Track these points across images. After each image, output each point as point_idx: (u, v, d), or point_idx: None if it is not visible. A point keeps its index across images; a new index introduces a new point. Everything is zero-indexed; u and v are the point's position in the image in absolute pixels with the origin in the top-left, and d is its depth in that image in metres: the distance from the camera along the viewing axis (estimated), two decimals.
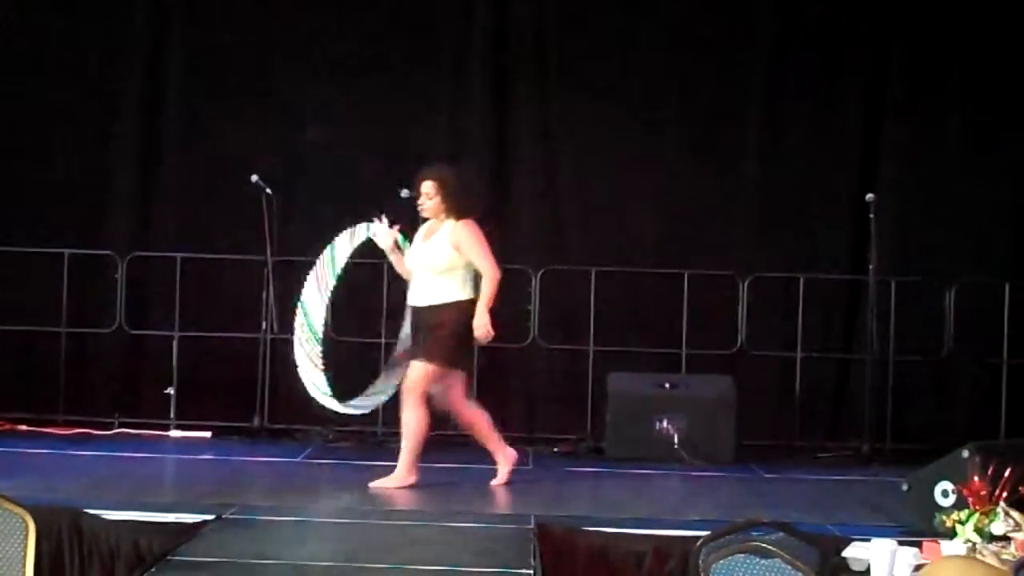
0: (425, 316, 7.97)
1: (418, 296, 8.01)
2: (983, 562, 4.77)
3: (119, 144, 10.72)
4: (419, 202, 8.06)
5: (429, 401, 7.98)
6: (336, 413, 8.50)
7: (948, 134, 10.65)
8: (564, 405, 10.46)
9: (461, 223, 7.95)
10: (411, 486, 7.97)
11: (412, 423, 7.92)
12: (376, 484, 7.96)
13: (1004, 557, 5.20)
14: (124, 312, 10.40)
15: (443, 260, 7.92)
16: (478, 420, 8.20)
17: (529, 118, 10.78)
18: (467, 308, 7.92)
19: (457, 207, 7.97)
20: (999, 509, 5.46)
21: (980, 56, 10.59)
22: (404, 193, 8.61)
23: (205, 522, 6.58)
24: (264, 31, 10.68)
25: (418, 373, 7.90)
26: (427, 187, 8.01)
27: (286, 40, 10.65)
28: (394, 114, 10.62)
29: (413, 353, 8.02)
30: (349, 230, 8.23)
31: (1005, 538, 5.43)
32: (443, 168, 8.23)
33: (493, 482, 8.17)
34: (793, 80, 10.71)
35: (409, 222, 8.27)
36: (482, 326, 7.88)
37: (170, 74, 10.73)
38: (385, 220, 8.16)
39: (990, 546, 5.30)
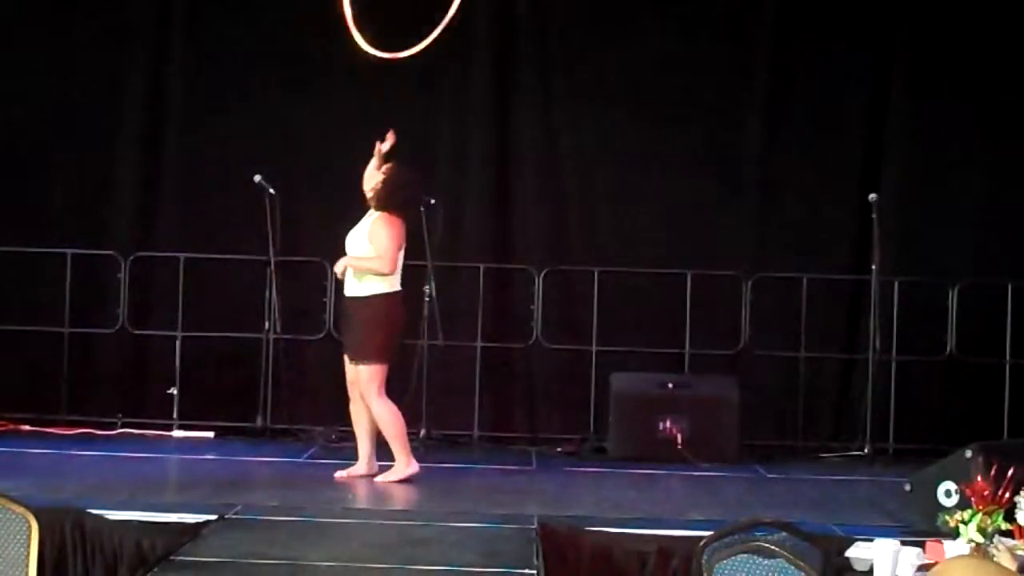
0: (348, 307, 8.17)
1: (346, 285, 8.16)
2: (994, 562, 4.76)
3: (121, 144, 10.72)
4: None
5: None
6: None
7: (951, 134, 10.63)
8: (567, 405, 10.47)
9: (380, 215, 8.12)
10: (412, 477, 8.09)
11: (385, 417, 8.07)
12: (382, 479, 8.09)
13: (1019, 552, 5.19)
14: (127, 312, 10.41)
15: (361, 251, 8.09)
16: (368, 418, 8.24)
17: (531, 118, 10.77)
18: (386, 302, 8.06)
19: (384, 197, 8.14)
20: (1019, 499, 5.46)
21: (983, 55, 10.58)
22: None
23: (208, 522, 6.57)
24: (266, 30, 10.67)
25: (363, 376, 8.04)
26: (384, 167, 8.28)
27: (288, 39, 10.65)
28: (396, 114, 10.59)
29: (345, 348, 8.19)
30: None
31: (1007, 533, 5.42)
32: (402, 164, 8.38)
33: (338, 473, 8.25)
34: (796, 80, 10.70)
35: None
36: (340, 266, 8.08)
37: (172, 73, 10.73)
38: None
39: (1006, 540, 5.29)
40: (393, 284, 8.11)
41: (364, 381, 8.01)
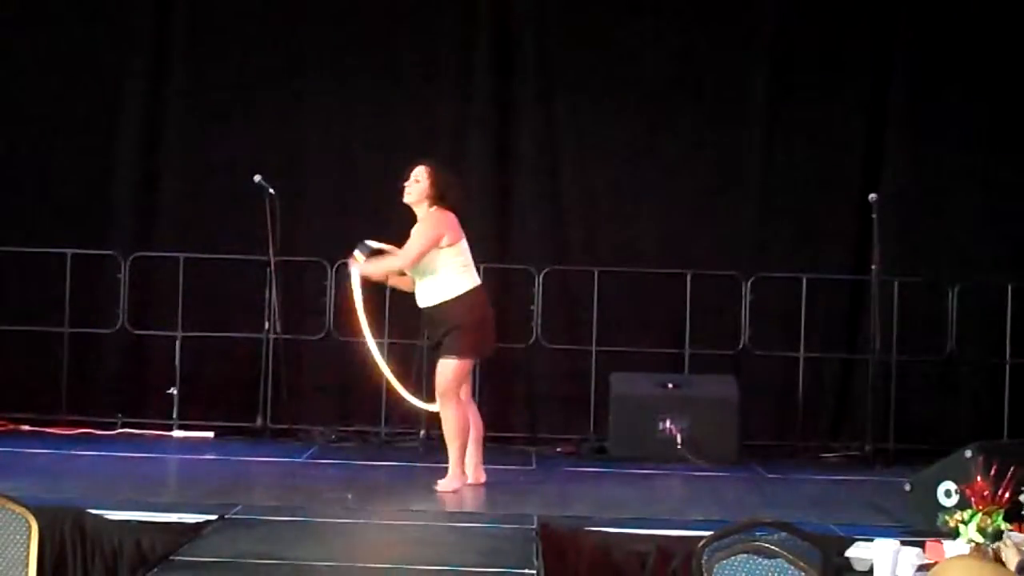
0: (434, 316, 7.92)
1: (421, 297, 7.95)
2: (993, 562, 4.76)
3: (121, 144, 10.72)
4: (407, 185, 7.95)
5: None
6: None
7: (951, 134, 10.63)
8: (567, 405, 10.47)
9: (432, 209, 7.88)
10: (463, 486, 7.90)
11: (452, 422, 7.87)
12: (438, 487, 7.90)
13: None
14: (127, 312, 10.40)
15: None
16: (472, 424, 8.06)
17: (531, 118, 10.78)
18: (469, 299, 7.85)
19: (438, 195, 7.88)
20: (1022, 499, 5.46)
21: (983, 56, 10.59)
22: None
23: (208, 522, 6.57)
24: (267, 31, 10.68)
25: (447, 370, 7.82)
26: (419, 171, 7.93)
27: (288, 39, 10.66)
28: (396, 114, 10.62)
29: (434, 351, 8.00)
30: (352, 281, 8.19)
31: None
32: (436, 160, 8.19)
33: (437, 486, 7.98)
34: (796, 80, 10.71)
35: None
36: (371, 268, 7.95)
37: (173, 73, 10.74)
38: (359, 254, 8.00)
39: (1014, 536, 5.28)
40: (466, 280, 7.86)
41: (446, 376, 7.79)
